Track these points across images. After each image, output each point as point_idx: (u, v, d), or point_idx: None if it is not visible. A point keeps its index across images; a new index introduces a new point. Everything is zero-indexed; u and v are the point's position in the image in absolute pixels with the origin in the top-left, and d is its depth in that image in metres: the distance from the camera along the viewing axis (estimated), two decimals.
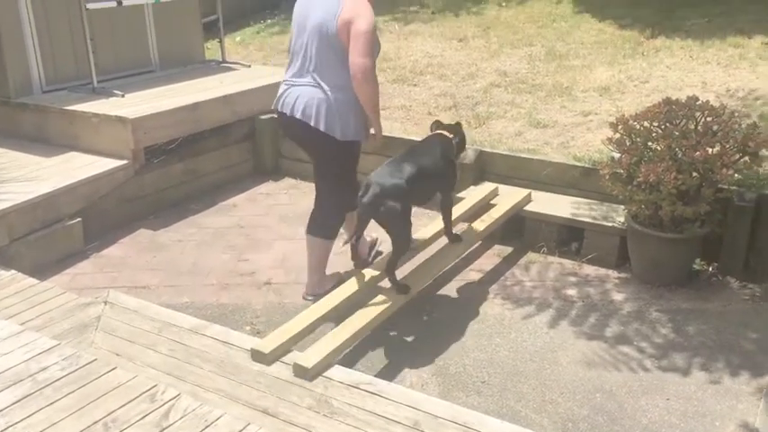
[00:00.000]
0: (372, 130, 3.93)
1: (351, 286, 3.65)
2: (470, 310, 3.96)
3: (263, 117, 5.99)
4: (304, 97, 3.72)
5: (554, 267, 4.41)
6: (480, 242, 4.53)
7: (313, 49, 3.68)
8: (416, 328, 3.79)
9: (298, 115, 3.73)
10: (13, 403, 2.56)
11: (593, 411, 3.13)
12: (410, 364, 3.48)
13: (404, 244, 3.68)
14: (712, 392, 3.23)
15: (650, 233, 4.04)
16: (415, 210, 3.76)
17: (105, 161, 5.09)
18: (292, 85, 3.80)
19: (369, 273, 3.78)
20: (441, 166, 3.82)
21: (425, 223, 4.51)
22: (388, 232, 3.66)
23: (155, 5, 6.44)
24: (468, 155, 4.92)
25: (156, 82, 6.20)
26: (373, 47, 3.60)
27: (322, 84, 3.68)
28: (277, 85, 6.12)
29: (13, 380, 2.69)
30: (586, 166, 4.67)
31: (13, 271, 4.00)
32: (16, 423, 2.46)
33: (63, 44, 5.87)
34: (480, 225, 4.35)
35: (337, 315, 3.51)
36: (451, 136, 3.99)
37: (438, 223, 4.24)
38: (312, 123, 3.71)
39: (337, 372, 3.04)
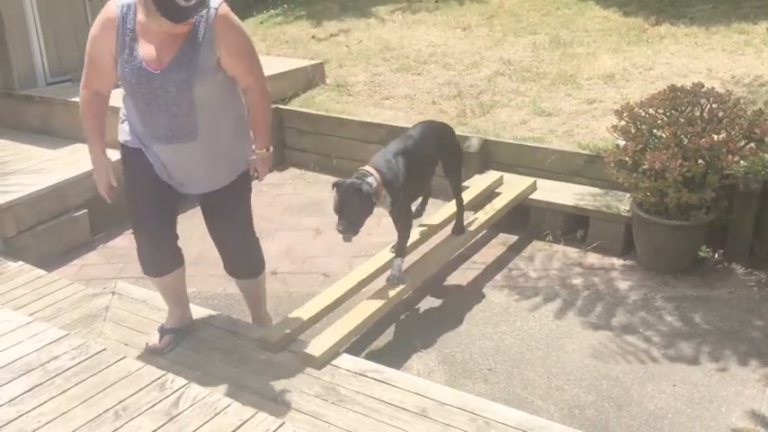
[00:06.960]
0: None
1: (357, 275, 3.67)
2: (476, 298, 3.97)
3: None
4: None
5: (559, 255, 4.41)
6: (485, 231, 4.54)
7: None
8: (423, 317, 3.81)
9: None
10: (25, 392, 2.58)
11: (599, 398, 3.14)
12: (417, 352, 3.50)
13: None
14: (718, 379, 3.24)
15: (655, 220, 4.03)
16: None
17: (110, 153, 5.08)
18: None
19: (377, 263, 3.79)
20: None
21: (431, 212, 4.51)
22: None
23: None
24: (473, 143, 4.92)
25: None
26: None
27: None
28: (280, 75, 6.20)
29: (24, 369, 2.71)
30: (591, 153, 4.66)
31: (20, 262, 4.03)
32: (28, 412, 2.48)
33: (67, 35, 5.87)
34: (485, 214, 4.35)
35: (344, 304, 3.53)
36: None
37: (445, 211, 4.25)
38: None
39: (345, 360, 3.06)
